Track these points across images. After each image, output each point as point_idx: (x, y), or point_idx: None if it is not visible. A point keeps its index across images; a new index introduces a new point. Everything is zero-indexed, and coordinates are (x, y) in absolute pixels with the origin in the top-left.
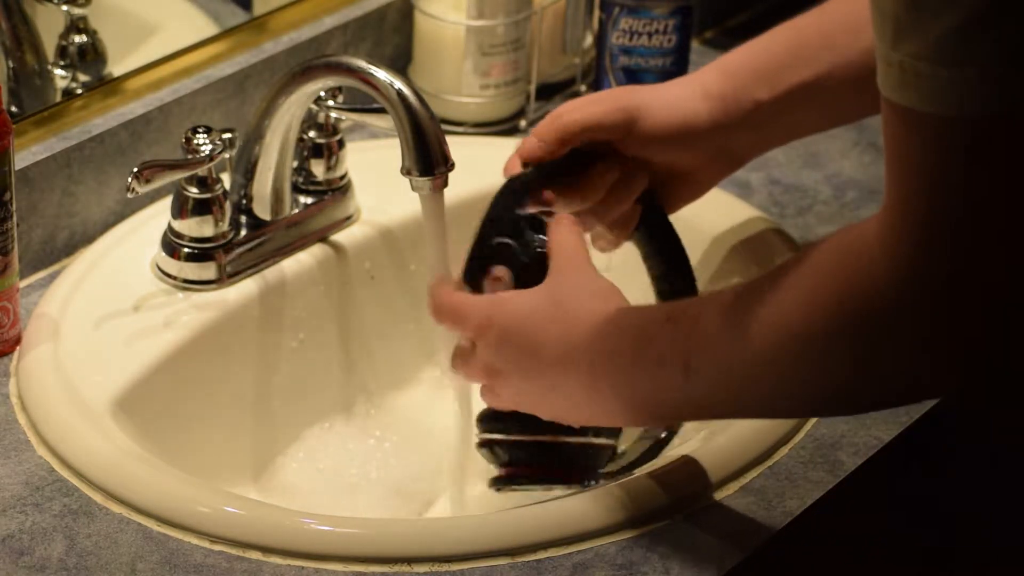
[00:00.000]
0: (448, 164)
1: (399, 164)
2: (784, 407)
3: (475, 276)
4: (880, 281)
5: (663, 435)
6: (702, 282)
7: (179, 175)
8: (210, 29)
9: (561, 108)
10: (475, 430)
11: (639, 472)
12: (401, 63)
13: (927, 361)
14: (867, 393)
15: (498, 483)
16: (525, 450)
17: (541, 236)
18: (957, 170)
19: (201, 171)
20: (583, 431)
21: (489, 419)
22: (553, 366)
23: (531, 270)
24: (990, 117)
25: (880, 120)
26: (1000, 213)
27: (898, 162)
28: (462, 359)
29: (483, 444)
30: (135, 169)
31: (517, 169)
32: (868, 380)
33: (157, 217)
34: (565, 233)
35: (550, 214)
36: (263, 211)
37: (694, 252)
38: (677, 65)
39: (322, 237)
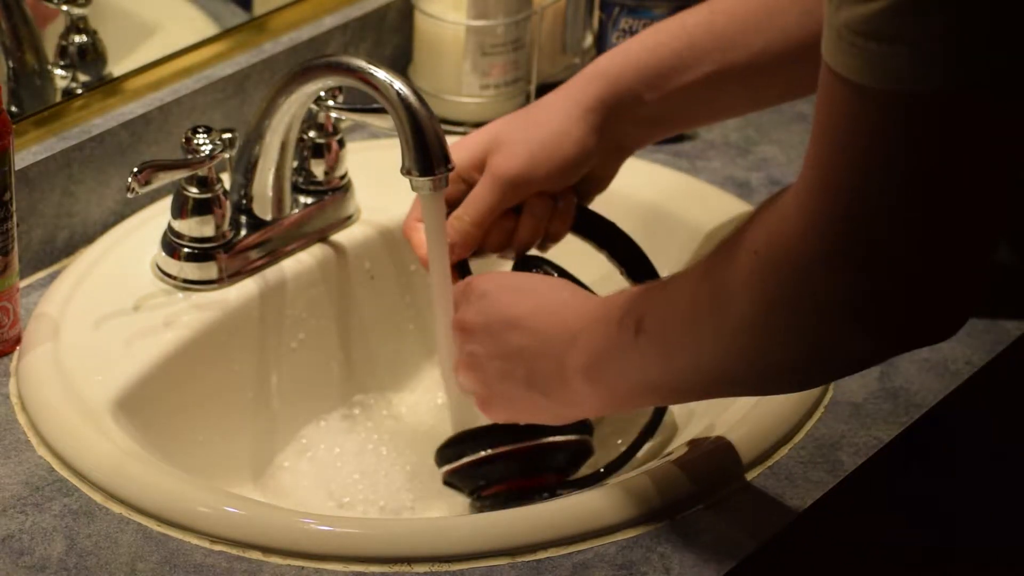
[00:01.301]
0: (448, 164)
1: (399, 164)
2: (718, 377)
3: None
4: (793, 241)
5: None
6: None
7: (179, 175)
8: (210, 29)
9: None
10: (439, 471)
11: (639, 472)
12: (401, 63)
13: (865, 337)
14: (800, 366)
15: (480, 501)
16: (493, 466)
17: None
18: (880, 143)
19: (201, 171)
20: (545, 431)
21: (449, 447)
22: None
23: None
24: (918, 94)
25: None
26: (919, 188)
27: (822, 126)
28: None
29: (447, 483)
30: (135, 169)
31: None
32: (792, 349)
33: (157, 217)
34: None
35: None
36: (263, 211)
37: (691, 252)
38: None
39: (322, 237)
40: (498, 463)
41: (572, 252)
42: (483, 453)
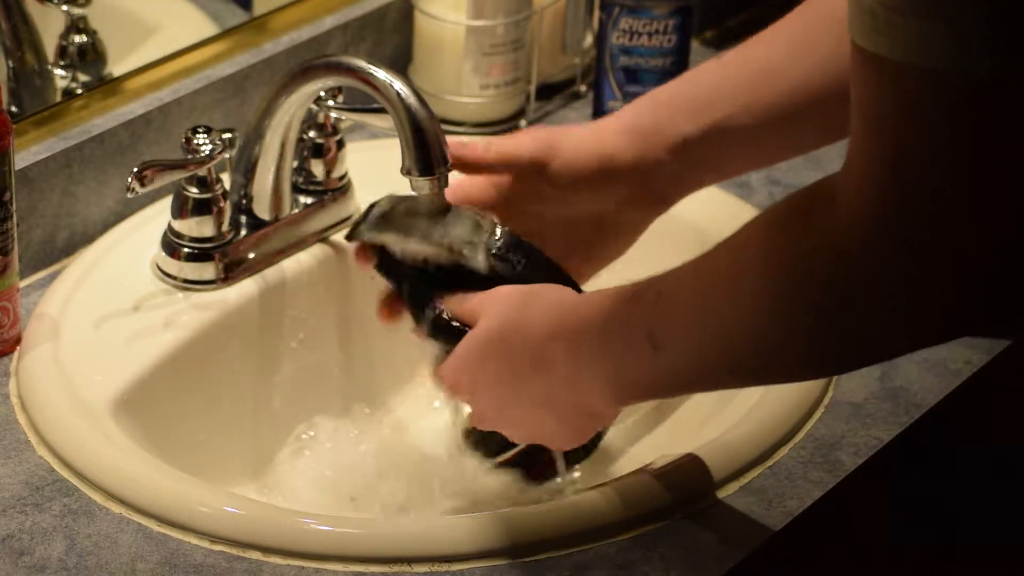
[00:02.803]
0: (448, 164)
1: (399, 164)
2: (750, 372)
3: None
4: (839, 237)
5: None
6: None
7: (179, 175)
8: (210, 29)
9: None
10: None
11: (639, 472)
12: (401, 63)
13: (897, 326)
14: (832, 356)
15: (499, 466)
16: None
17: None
18: (923, 123)
19: (201, 171)
20: None
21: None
22: (526, 389)
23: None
24: (960, 72)
25: None
26: (962, 168)
27: (863, 112)
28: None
29: (468, 443)
30: (135, 169)
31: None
32: (831, 342)
33: (157, 217)
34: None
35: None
36: (263, 211)
37: (692, 252)
38: (677, 65)
39: (322, 237)
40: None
41: None
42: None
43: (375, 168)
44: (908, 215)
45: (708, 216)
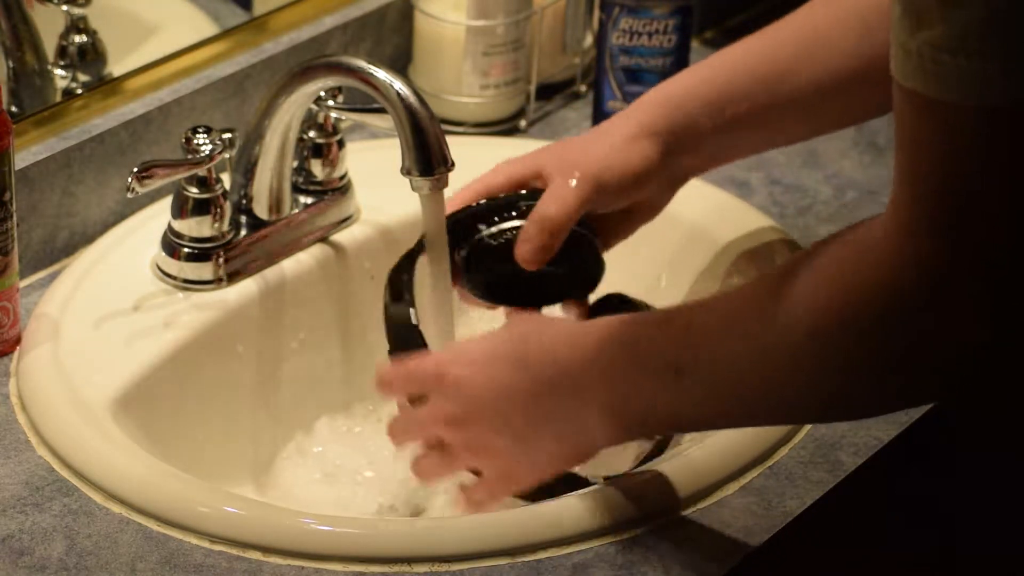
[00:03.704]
0: (448, 164)
1: (399, 164)
2: (783, 412)
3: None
4: (889, 275)
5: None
6: (700, 282)
7: (179, 175)
8: (210, 29)
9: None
10: None
11: (639, 472)
12: (401, 63)
13: (965, 366)
14: (875, 395)
15: None
16: None
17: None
18: (974, 160)
19: (201, 171)
20: None
21: None
22: (533, 397)
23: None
24: (1009, 108)
25: (879, 120)
26: (1019, 206)
27: (911, 152)
28: (402, 424)
29: None
30: (135, 169)
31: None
32: (878, 379)
33: (157, 217)
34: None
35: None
36: (263, 211)
37: (692, 252)
38: (677, 65)
39: (322, 237)
40: None
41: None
42: None
43: (375, 168)
44: (955, 251)
45: (708, 216)
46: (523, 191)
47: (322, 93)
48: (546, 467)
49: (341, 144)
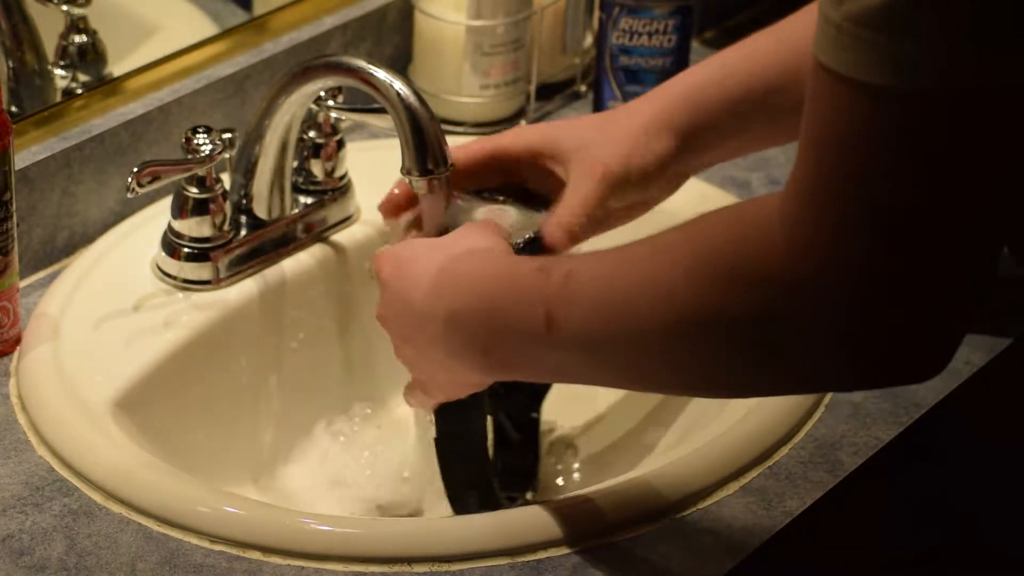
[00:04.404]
0: (448, 164)
1: (399, 164)
2: (655, 380)
3: None
4: (776, 258)
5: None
6: None
7: (179, 175)
8: (210, 29)
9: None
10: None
11: (639, 472)
12: (401, 63)
13: (838, 358)
14: (763, 380)
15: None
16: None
17: None
18: (883, 145)
19: (201, 171)
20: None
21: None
22: (426, 320)
23: None
24: (926, 93)
25: None
26: (929, 198)
27: (816, 130)
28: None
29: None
30: (135, 169)
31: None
32: (759, 368)
33: (157, 217)
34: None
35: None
36: (263, 211)
37: None
38: (677, 65)
39: (322, 237)
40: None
41: None
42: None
43: (375, 168)
44: (866, 249)
45: None
46: (515, 186)
47: (322, 93)
48: (447, 388)
49: (341, 144)
